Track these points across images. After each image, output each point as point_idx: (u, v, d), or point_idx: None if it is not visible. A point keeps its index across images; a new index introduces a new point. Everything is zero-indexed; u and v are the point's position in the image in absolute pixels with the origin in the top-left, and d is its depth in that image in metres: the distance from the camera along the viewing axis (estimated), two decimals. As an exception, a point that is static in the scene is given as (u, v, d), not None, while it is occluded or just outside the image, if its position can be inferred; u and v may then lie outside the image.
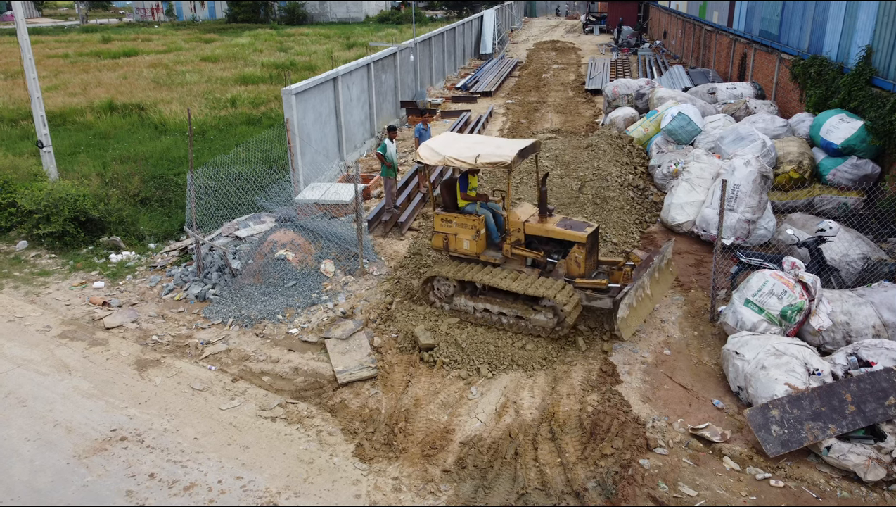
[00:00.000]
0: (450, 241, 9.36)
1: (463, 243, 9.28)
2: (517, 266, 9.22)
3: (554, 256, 9.16)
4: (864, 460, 6.57)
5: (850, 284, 9.52)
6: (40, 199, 12.11)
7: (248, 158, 14.10)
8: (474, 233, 9.17)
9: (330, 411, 7.72)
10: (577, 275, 8.99)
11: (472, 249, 9.26)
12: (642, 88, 18.84)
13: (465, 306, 9.17)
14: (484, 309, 9.07)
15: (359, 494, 6.51)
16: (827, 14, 14.87)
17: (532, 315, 8.81)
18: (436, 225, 9.44)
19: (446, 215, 9.29)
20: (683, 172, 12.35)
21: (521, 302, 8.94)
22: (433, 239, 9.55)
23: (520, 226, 9.08)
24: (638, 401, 7.76)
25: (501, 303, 8.99)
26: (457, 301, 9.23)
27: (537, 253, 9.13)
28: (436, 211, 9.47)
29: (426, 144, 9.23)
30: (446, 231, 9.35)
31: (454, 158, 8.84)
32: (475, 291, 9.26)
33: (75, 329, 9.49)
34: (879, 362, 7.23)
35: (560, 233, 8.98)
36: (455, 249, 9.37)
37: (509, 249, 9.17)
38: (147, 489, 6.53)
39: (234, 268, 10.50)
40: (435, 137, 9.60)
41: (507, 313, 8.93)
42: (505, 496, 6.45)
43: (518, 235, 9.12)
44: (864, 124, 11.90)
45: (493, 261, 9.25)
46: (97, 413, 7.64)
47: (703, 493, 6.45)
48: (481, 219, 9.15)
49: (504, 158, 8.64)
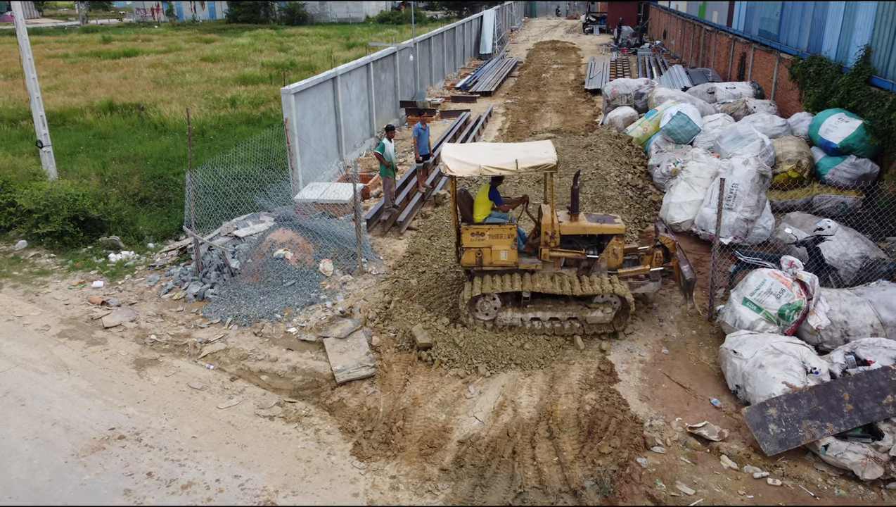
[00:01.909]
0: (484, 255, 8.88)
1: (500, 255, 8.87)
2: (553, 269, 9.05)
3: (590, 252, 9.11)
4: (861, 458, 6.58)
5: (849, 283, 9.52)
6: (39, 198, 12.13)
7: (248, 158, 14.12)
8: (511, 242, 8.82)
9: (328, 409, 7.72)
10: (616, 267, 9.05)
11: (511, 260, 8.90)
12: (641, 87, 18.85)
13: (513, 319, 8.87)
14: (533, 318, 8.87)
15: (356, 492, 6.51)
16: (826, 13, 14.88)
17: (588, 314, 8.80)
18: (465, 241, 8.87)
19: (478, 229, 8.81)
20: (682, 171, 12.35)
21: (574, 303, 8.86)
22: (464, 256, 8.94)
23: (556, 228, 8.84)
24: (636, 400, 7.77)
25: (553, 308, 8.85)
26: (502, 316, 8.88)
27: (578, 252, 9.01)
28: (464, 226, 8.90)
29: (450, 156, 8.70)
30: (479, 245, 8.84)
31: (492, 167, 8.38)
32: (519, 302, 8.97)
33: (74, 328, 9.50)
34: (877, 361, 7.23)
35: (598, 228, 8.98)
36: (491, 262, 8.92)
37: (548, 253, 8.89)
38: (145, 488, 6.54)
39: (233, 267, 10.51)
40: (450, 149, 9.09)
41: (560, 318, 8.83)
42: (503, 494, 6.46)
43: (556, 238, 8.88)
44: (862, 124, 11.91)
45: (533, 268, 8.96)
46: (95, 412, 7.65)
47: (700, 492, 6.45)
48: (515, 227, 8.87)
49: (549, 161, 8.46)
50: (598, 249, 9.12)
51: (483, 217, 9.00)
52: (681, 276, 9.01)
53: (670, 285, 10.29)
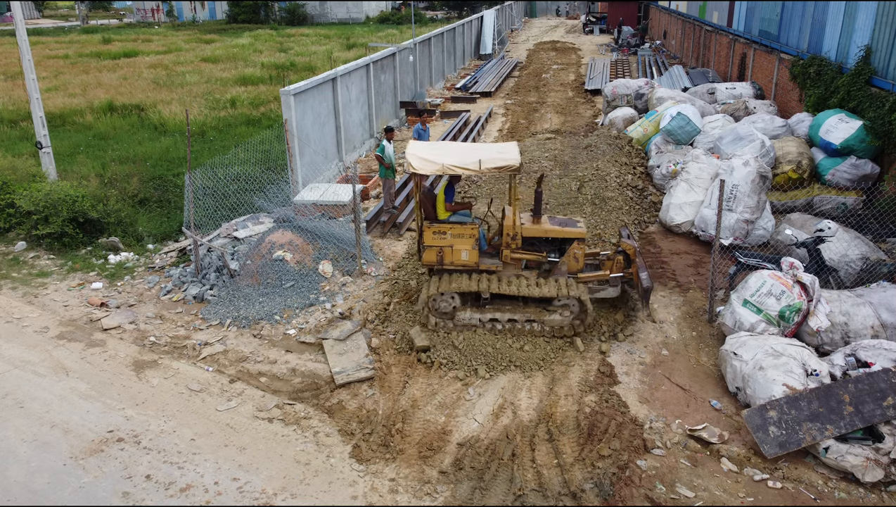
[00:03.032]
0: (445, 254, 8.91)
1: (461, 254, 8.89)
2: (514, 271, 9.09)
3: (552, 255, 9.14)
4: (861, 461, 6.56)
5: (849, 284, 9.50)
6: (39, 200, 12.10)
7: (247, 159, 14.10)
8: (473, 242, 8.84)
9: (327, 412, 7.71)
10: (576, 271, 9.05)
11: (472, 260, 8.91)
12: (641, 88, 18.82)
13: (472, 319, 8.87)
14: (491, 319, 8.88)
15: (355, 495, 6.49)
16: (826, 14, 14.86)
17: (546, 317, 8.80)
18: (427, 239, 8.91)
19: (440, 227, 8.84)
20: (682, 172, 12.34)
21: (533, 306, 8.86)
22: (425, 254, 8.98)
23: (518, 230, 8.90)
24: (636, 402, 7.75)
25: (511, 310, 8.86)
26: (461, 316, 8.89)
27: (539, 254, 9.05)
28: (426, 224, 8.94)
29: (415, 154, 8.72)
30: (440, 244, 8.88)
31: (455, 166, 8.45)
32: (478, 303, 8.99)
33: (73, 330, 9.49)
34: (878, 363, 7.21)
35: (560, 232, 8.99)
36: (452, 261, 8.93)
37: (509, 255, 8.95)
38: (143, 491, 6.52)
39: (233, 269, 10.50)
40: (415, 147, 9.08)
41: (518, 319, 8.83)
42: (502, 497, 6.44)
43: (517, 240, 8.93)
44: (863, 124, 11.89)
45: (494, 269, 9.00)
46: (94, 414, 7.63)
47: (700, 494, 6.43)
48: (477, 227, 8.90)
49: (512, 162, 8.48)
50: (559, 253, 9.13)
51: (446, 215, 9.05)
52: (639, 283, 9.01)
53: (670, 287, 10.28)
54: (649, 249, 11.44)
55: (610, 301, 9.61)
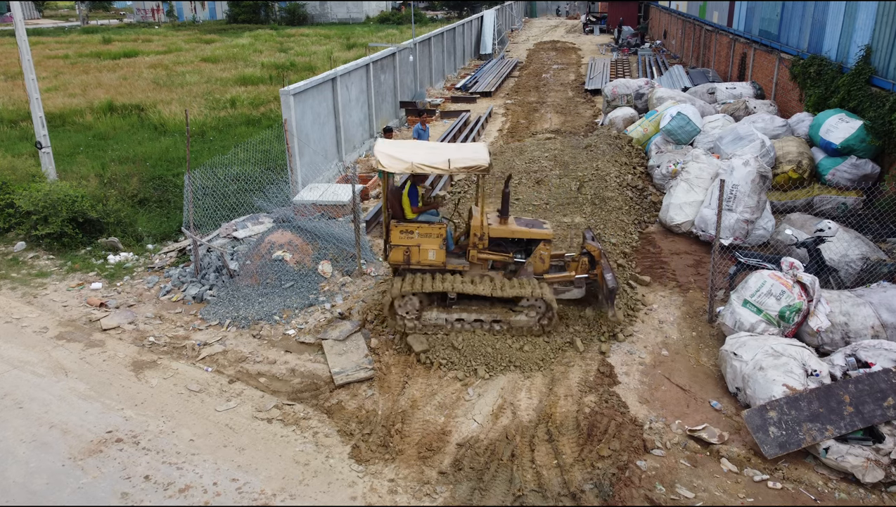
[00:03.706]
0: (412, 253, 8.84)
1: (428, 254, 8.83)
2: (480, 271, 9.04)
3: (518, 255, 9.14)
4: (862, 461, 6.54)
5: (850, 284, 9.49)
6: (38, 200, 12.10)
7: (247, 159, 14.09)
8: (441, 242, 8.78)
9: (326, 412, 7.69)
10: (542, 271, 9.10)
11: (439, 259, 8.86)
12: (641, 88, 18.81)
13: (438, 319, 8.81)
14: (457, 319, 8.83)
15: (355, 496, 6.48)
16: (826, 14, 14.84)
17: (512, 317, 8.81)
18: (394, 238, 8.81)
19: (407, 227, 8.76)
20: (682, 172, 12.32)
21: (499, 306, 8.85)
22: (391, 253, 8.90)
23: (485, 230, 8.84)
24: (635, 402, 7.74)
25: (478, 310, 8.82)
26: (427, 316, 8.82)
27: (506, 255, 9.04)
28: (394, 223, 8.82)
29: (384, 152, 8.57)
30: (408, 243, 8.80)
31: (424, 165, 8.34)
32: (444, 303, 8.90)
33: (72, 330, 9.48)
34: (878, 363, 7.19)
35: (526, 233, 9.01)
36: (419, 260, 8.87)
37: (475, 255, 8.90)
38: (142, 491, 6.51)
39: (232, 269, 10.49)
40: (383, 144, 8.93)
41: (484, 320, 8.82)
42: (501, 497, 6.43)
43: (484, 240, 8.87)
44: (863, 124, 11.87)
45: (460, 269, 8.95)
46: (93, 415, 7.62)
47: (700, 495, 6.42)
48: (444, 227, 8.82)
49: (481, 162, 8.42)
50: (525, 254, 9.13)
51: (415, 215, 8.96)
52: (604, 284, 9.02)
53: (670, 287, 10.26)
54: (649, 249, 11.42)
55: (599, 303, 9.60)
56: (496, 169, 15.02)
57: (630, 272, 10.52)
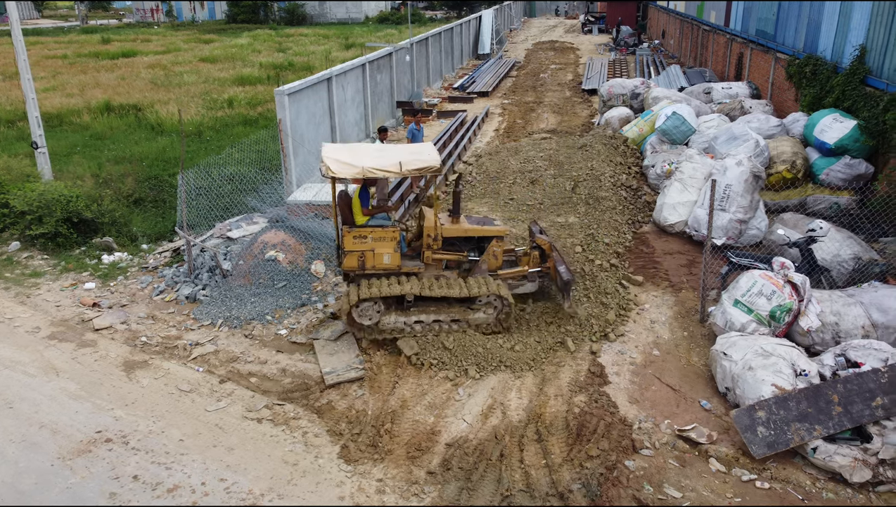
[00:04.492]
0: (367, 258, 8.70)
1: (383, 258, 8.72)
2: (436, 272, 9.02)
3: (472, 253, 9.16)
4: (849, 461, 6.54)
5: (842, 284, 9.49)
6: (32, 200, 12.11)
7: (243, 159, 14.09)
8: (395, 245, 8.69)
9: (316, 412, 7.70)
10: (496, 268, 9.19)
11: (394, 263, 8.77)
12: (637, 87, 18.81)
13: (397, 323, 8.74)
14: (416, 321, 8.78)
15: (342, 496, 6.49)
16: (822, 13, 14.84)
17: (470, 315, 8.84)
18: (347, 244, 8.63)
19: (360, 232, 8.62)
20: (676, 172, 12.32)
21: (457, 305, 8.86)
22: (345, 260, 8.71)
23: (438, 231, 8.81)
24: (625, 402, 7.74)
25: (436, 311, 8.79)
26: (386, 321, 8.71)
27: (460, 254, 9.06)
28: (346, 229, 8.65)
29: (333, 158, 8.37)
30: (361, 248, 8.65)
31: (375, 169, 8.19)
32: (402, 306, 8.77)
33: (65, 330, 9.49)
34: (867, 363, 7.19)
35: (479, 231, 9.07)
36: (374, 265, 8.74)
37: (430, 256, 8.87)
38: (130, 491, 6.52)
39: (225, 269, 10.49)
40: (331, 150, 8.69)
41: (443, 320, 8.81)
42: (489, 497, 6.43)
43: (438, 240, 8.84)
44: (857, 124, 11.86)
45: (416, 271, 8.88)
46: (83, 415, 7.63)
47: (687, 495, 6.42)
48: (398, 230, 8.74)
49: (432, 163, 8.36)
50: (479, 251, 9.19)
51: (365, 219, 8.82)
52: (558, 277, 9.09)
53: (663, 287, 10.26)
54: (642, 249, 11.42)
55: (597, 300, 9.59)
56: (492, 168, 15.02)
57: (623, 272, 10.52)
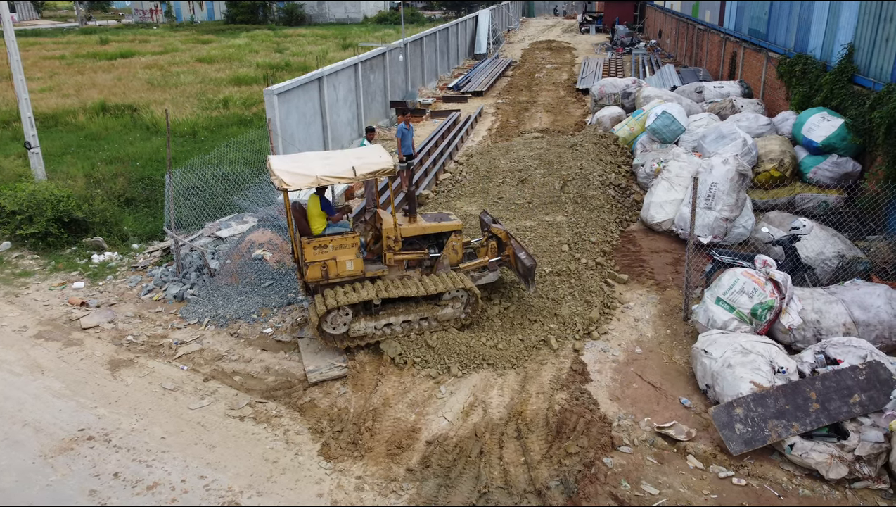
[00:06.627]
0: (329, 267, 8.59)
1: (346, 265, 8.63)
2: (399, 273, 9.05)
3: (432, 250, 9.24)
4: (826, 458, 6.57)
5: (825, 282, 9.51)
6: (23, 199, 12.16)
7: (236, 159, 14.14)
8: (356, 251, 8.64)
9: (299, 410, 7.74)
10: (457, 262, 9.31)
11: (358, 269, 8.70)
12: (629, 87, 18.83)
13: (367, 328, 8.65)
14: (386, 324, 8.75)
15: (321, 493, 6.52)
16: (812, 13, 14.86)
17: (439, 312, 8.90)
18: (308, 256, 8.49)
19: (320, 241, 8.49)
20: (663, 170, 12.35)
21: (423, 303, 8.90)
22: (308, 271, 8.54)
23: (398, 232, 8.85)
24: (606, 400, 7.77)
25: (404, 311, 8.79)
26: (356, 327, 8.59)
27: (421, 252, 9.12)
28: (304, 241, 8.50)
29: (284, 169, 8.19)
30: (323, 258, 8.53)
31: (329, 176, 8.12)
32: (370, 311, 8.72)
33: (51, 330, 9.53)
34: (846, 360, 7.22)
35: (437, 227, 9.17)
36: (337, 274, 8.64)
37: (392, 257, 8.91)
38: (110, 489, 6.56)
39: (212, 268, 10.53)
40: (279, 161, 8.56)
41: (412, 320, 8.82)
42: (467, 494, 6.46)
43: (398, 242, 8.88)
44: (844, 122, 11.87)
45: (380, 274, 8.86)
46: (66, 413, 7.67)
47: (665, 492, 6.45)
48: (358, 236, 8.67)
49: (386, 165, 8.36)
50: (438, 248, 9.28)
51: (321, 228, 8.69)
52: (518, 263, 9.21)
53: (648, 285, 10.29)
54: (629, 248, 11.45)
55: (581, 298, 9.63)
56: (482, 168, 15.05)
57: (608, 270, 10.55)
